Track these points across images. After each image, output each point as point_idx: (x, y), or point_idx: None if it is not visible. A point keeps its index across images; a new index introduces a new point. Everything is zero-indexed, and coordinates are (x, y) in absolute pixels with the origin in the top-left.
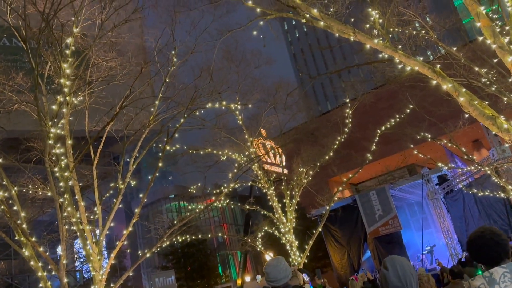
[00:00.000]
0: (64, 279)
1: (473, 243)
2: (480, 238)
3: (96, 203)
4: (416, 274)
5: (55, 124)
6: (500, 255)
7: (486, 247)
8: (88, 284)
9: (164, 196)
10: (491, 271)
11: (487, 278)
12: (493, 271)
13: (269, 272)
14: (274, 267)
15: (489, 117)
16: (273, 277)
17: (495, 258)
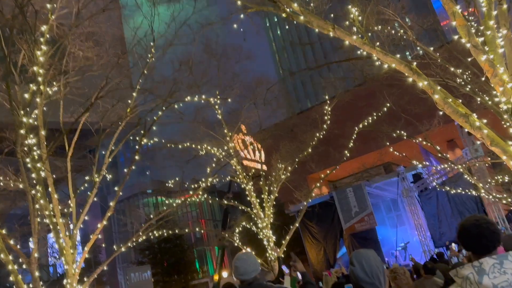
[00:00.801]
0: (35, 272)
1: (468, 232)
2: (476, 227)
3: (70, 195)
4: (382, 266)
5: (28, 114)
6: (494, 244)
7: (482, 236)
8: (61, 279)
9: (141, 190)
10: (481, 261)
11: (477, 268)
12: (483, 261)
13: (239, 266)
14: (243, 261)
15: (462, 114)
16: (243, 271)
17: (489, 248)
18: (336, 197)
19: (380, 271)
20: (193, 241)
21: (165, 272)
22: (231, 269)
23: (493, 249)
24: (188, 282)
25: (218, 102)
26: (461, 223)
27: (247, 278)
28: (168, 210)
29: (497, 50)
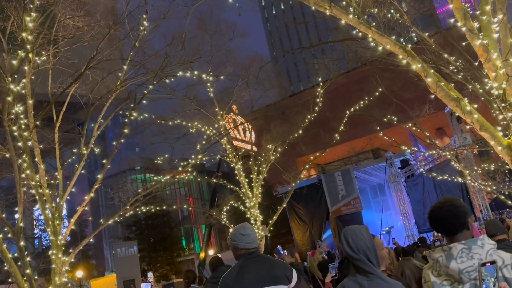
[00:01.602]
0: (21, 242)
1: (432, 215)
2: (438, 209)
3: (57, 167)
4: (372, 242)
5: (16, 82)
6: (456, 226)
7: (443, 219)
8: (47, 251)
9: (129, 167)
10: (450, 246)
11: (446, 252)
12: (452, 246)
13: (250, 234)
14: (251, 229)
15: (454, 99)
16: (253, 239)
17: (452, 230)
18: (324, 180)
19: (368, 247)
20: (180, 219)
21: (151, 248)
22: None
23: (456, 232)
24: (174, 258)
25: (210, 79)
26: (431, 206)
27: (255, 246)
28: (157, 185)
29: (491, 35)
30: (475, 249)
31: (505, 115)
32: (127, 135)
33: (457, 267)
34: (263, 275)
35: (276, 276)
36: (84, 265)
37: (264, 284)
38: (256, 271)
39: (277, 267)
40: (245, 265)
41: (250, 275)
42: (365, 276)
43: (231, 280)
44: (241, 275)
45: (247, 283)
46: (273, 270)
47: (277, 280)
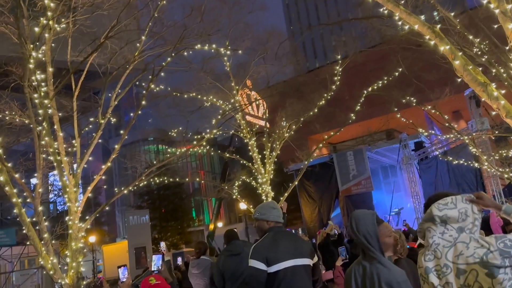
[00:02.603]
0: (38, 207)
1: (426, 206)
2: (435, 195)
3: (75, 135)
4: (374, 227)
5: (37, 48)
6: None
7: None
8: (61, 216)
9: (143, 137)
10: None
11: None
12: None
13: (279, 209)
14: (277, 205)
15: (481, 83)
16: (281, 214)
17: None
18: (336, 159)
19: (369, 233)
20: (191, 191)
21: (162, 218)
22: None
23: None
24: (184, 229)
25: (228, 53)
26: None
27: (282, 221)
28: (172, 157)
29: None
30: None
31: None
32: (144, 106)
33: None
34: (293, 248)
35: (305, 250)
36: (97, 231)
37: (294, 256)
38: (288, 243)
39: (303, 242)
40: (277, 237)
41: (283, 246)
42: (367, 259)
43: (265, 249)
44: (275, 245)
45: (281, 253)
46: (301, 244)
47: (305, 253)
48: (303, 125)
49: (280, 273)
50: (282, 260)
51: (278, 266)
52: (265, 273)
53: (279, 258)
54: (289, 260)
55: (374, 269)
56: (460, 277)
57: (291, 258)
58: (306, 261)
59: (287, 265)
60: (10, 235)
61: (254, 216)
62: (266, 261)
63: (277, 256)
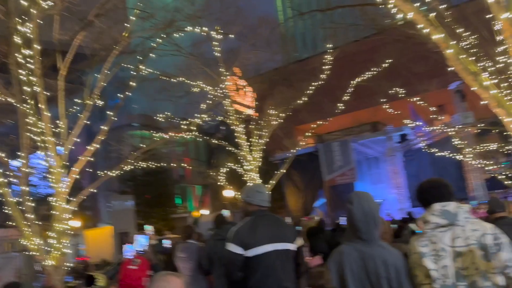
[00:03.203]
0: (23, 187)
1: (420, 192)
2: (434, 180)
3: (61, 115)
4: (379, 210)
5: (24, 24)
6: (451, 193)
7: (442, 186)
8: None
9: (128, 123)
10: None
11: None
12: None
13: (264, 193)
14: (266, 189)
15: (472, 73)
16: (266, 197)
17: (446, 196)
18: (322, 149)
19: (376, 214)
20: (176, 178)
21: (146, 204)
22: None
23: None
24: (168, 215)
25: (219, 37)
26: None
27: (268, 205)
28: (161, 141)
29: None
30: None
31: None
32: (133, 87)
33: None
34: (274, 232)
35: (286, 235)
36: (80, 215)
37: (275, 240)
38: (268, 227)
39: (286, 226)
40: (258, 221)
41: (262, 231)
42: (364, 242)
43: (244, 233)
44: (254, 229)
45: (260, 237)
46: (284, 229)
47: (287, 238)
48: (291, 114)
49: (258, 257)
50: (260, 244)
51: (255, 251)
52: (241, 257)
53: (257, 243)
54: (268, 244)
55: (376, 252)
56: (457, 260)
57: (270, 242)
58: (287, 246)
59: (266, 250)
60: None
61: (241, 198)
62: (243, 245)
63: (255, 241)
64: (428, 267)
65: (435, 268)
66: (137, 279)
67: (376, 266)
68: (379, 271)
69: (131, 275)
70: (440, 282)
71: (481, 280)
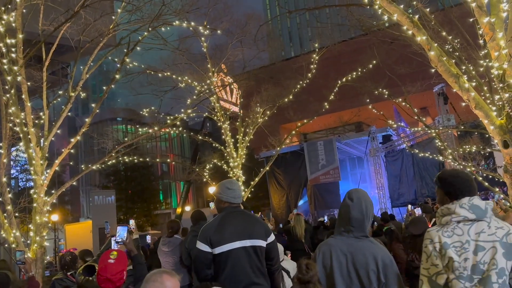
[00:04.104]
0: (3, 177)
1: (459, 174)
2: (463, 173)
3: (44, 106)
4: (373, 208)
5: (8, 12)
6: (471, 190)
7: (470, 180)
8: (23, 192)
9: (111, 117)
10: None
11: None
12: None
13: (235, 189)
14: (237, 185)
15: (453, 75)
16: (238, 194)
17: (472, 191)
18: (306, 148)
19: (371, 212)
20: (159, 174)
21: (129, 199)
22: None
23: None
24: (151, 211)
25: (206, 33)
26: (449, 170)
27: (239, 202)
28: (144, 135)
29: (499, 14)
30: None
31: (502, 95)
32: (117, 80)
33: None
34: (243, 229)
35: (255, 231)
36: (60, 210)
37: (243, 237)
38: (237, 224)
39: (257, 223)
40: (226, 218)
41: (230, 228)
42: (356, 237)
43: (210, 231)
44: (222, 226)
45: (226, 235)
46: (253, 225)
47: (256, 234)
48: (277, 112)
49: (225, 255)
50: (227, 242)
51: (222, 248)
52: (209, 255)
53: (224, 240)
54: (236, 241)
55: (366, 246)
56: (478, 254)
57: (238, 239)
58: (257, 242)
59: (234, 247)
60: None
61: (213, 193)
62: (210, 242)
63: (222, 238)
64: (453, 258)
65: (458, 260)
66: (116, 273)
67: (366, 259)
68: (368, 263)
69: (109, 268)
70: (457, 273)
71: (495, 276)
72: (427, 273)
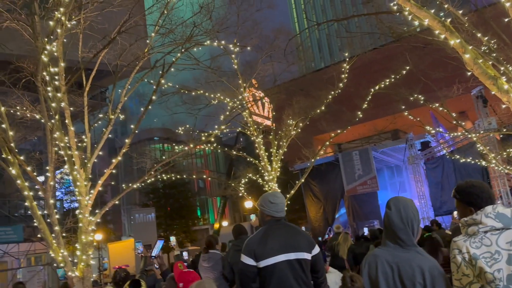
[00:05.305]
0: (50, 200)
1: (474, 184)
2: (479, 182)
3: (86, 129)
4: (419, 216)
5: (50, 42)
6: (492, 198)
7: (487, 189)
8: (67, 213)
9: (148, 137)
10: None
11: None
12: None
13: (278, 203)
14: (281, 199)
15: (491, 77)
16: (280, 208)
17: (490, 201)
18: (341, 158)
19: (415, 219)
20: (196, 190)
21: (168, 216)
22: (231, 220)
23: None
24: (189, 227)
25: (236, 50)
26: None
27: (282, 215)
28: (180, 153)
29: None
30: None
31: None
32: (154, 101)
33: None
34: (287, 242)
35: (299, 244)
36: (103, 229)
37: (287, 250)
38: (280, 237)
39: (300, 235)
40: (269, 231)
41: (274, 240)
42: (402, 248)
43: (254, 244)
44: (265, 239)
45: (270, 248)
46: (297, 238)
47: (300, 247)
48: (309, 124)
49: (270, 268)
50: (272, 255)
51: (267, 261)
52: (254, 268)
53: (268, 253)
54: (280, 254)
55: (412, 257)
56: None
57: (283, 253)
58: (302, 255)
59: (278, 260)
60: (17, 232)
61: (257, 205)
62: (254, 256)
63: (266, 251)
64: (484, 269)
65: (490, 271)
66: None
67: (413, 271)
68: (415, 276)
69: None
70: (493, 285)
71: None
72: (460, 283)
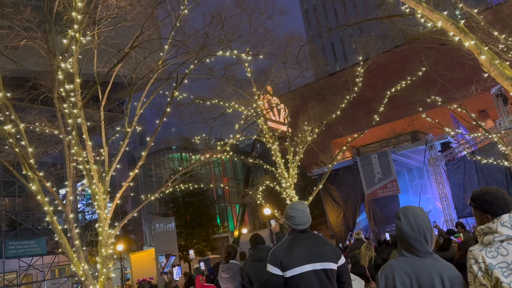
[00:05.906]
0: (69, 214)
1: (474, 200)
2: (495, 189)
3: (103, 143)
4: (430, 223)
5: (65, 60)
6: (508, 205)
7: (504, 196)
8: (89, 225)
9: (166, 146)
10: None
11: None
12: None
13: (296, 217)
14: (301, 212)
15: (509, 77)
16: (299, 221)
17: (506, 208)
18: (360, 162)
19: (427, 227)
20: (215, 198)
21: (188, 225)
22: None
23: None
24: (209, 235)
25: (249, 59)
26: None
27: (303, 228)
28: (198, 163)
29: None
30: None
31: None
32: (169, 113)
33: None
34: (313, 252)
35: (325, 254)
36: (124, 239)
37: (313, 260)
38: (306, 246)
39: (326, 245)
40: (294, 241)
41: (299, 250)
42: (418, 256)
43: (281, 253)
44: (291, 250)
45: (296, 258)
46: (323, 248)
47: (326, 257)
48: (326, 128)
49: (297, 278)
50: (298, 265)
51: (293, 271)
52: (280, 278)
53: (294, 263)
54: (307, 264)
55: (430, 265)
56: None
57: (309, 263)
58: (328, 265)
59: (305, 270)
60: (41, 245)
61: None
62: (280, 265)
63: (292, 261)
64: (500, 280)
65: (507, 281)
66: None
67: (431, 279)
68: (434, 283)
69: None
70: None
71: None
72: None
